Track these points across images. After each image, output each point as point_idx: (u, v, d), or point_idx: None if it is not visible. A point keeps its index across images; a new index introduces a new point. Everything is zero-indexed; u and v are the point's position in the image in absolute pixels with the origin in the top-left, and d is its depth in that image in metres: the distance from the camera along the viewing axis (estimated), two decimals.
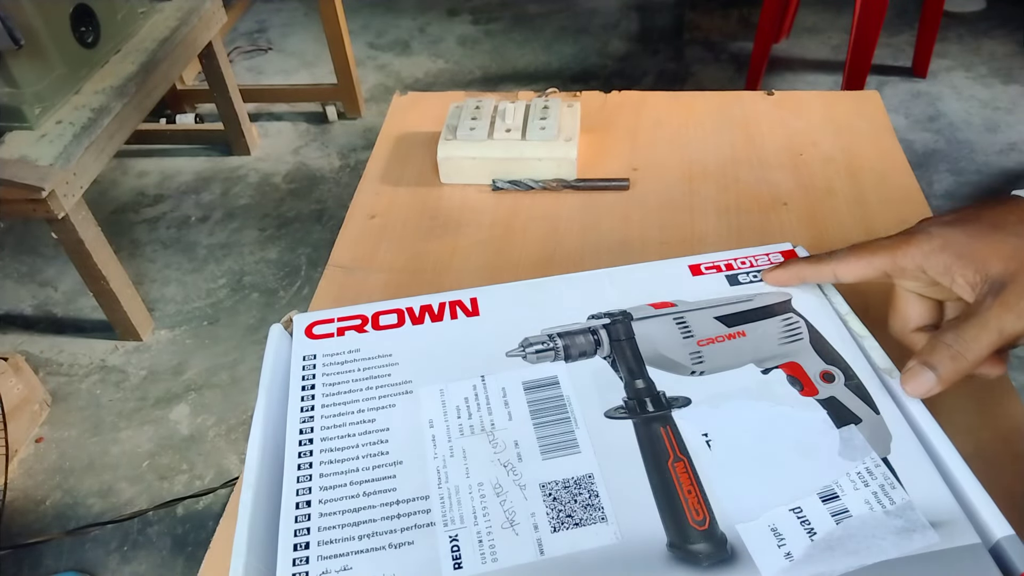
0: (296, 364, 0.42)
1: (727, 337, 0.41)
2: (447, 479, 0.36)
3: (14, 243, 1.78)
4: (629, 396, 0.39)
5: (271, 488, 0.36)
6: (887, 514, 0.33)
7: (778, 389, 0.39)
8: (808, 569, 0.31)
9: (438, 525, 0.34)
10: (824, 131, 0.68)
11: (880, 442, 0.35)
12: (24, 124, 1.29)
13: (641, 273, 0.46)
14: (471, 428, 0.38)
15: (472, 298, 0.45)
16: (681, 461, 0.35)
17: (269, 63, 2.36)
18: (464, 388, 0.40)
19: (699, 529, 0.32)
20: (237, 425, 1.37)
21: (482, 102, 0.69)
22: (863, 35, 1.68)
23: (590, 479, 0.35)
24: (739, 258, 0.47)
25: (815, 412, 0.37)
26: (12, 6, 1.21)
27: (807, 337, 0.41)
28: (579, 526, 0.33)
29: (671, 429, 0.37)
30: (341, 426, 0.38)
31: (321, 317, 0.45)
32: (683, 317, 0.42)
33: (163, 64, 1.54)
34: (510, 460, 0.36)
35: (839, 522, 0.32)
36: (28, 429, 1.37)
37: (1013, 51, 2.13)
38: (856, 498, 0.33)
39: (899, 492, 0.33)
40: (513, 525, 0.33)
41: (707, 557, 0.31)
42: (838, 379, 0.39)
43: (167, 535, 1.22)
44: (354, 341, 0.43)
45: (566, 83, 2.17)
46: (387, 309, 0.45)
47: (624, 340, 0.41)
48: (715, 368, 0.40)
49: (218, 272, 1.67)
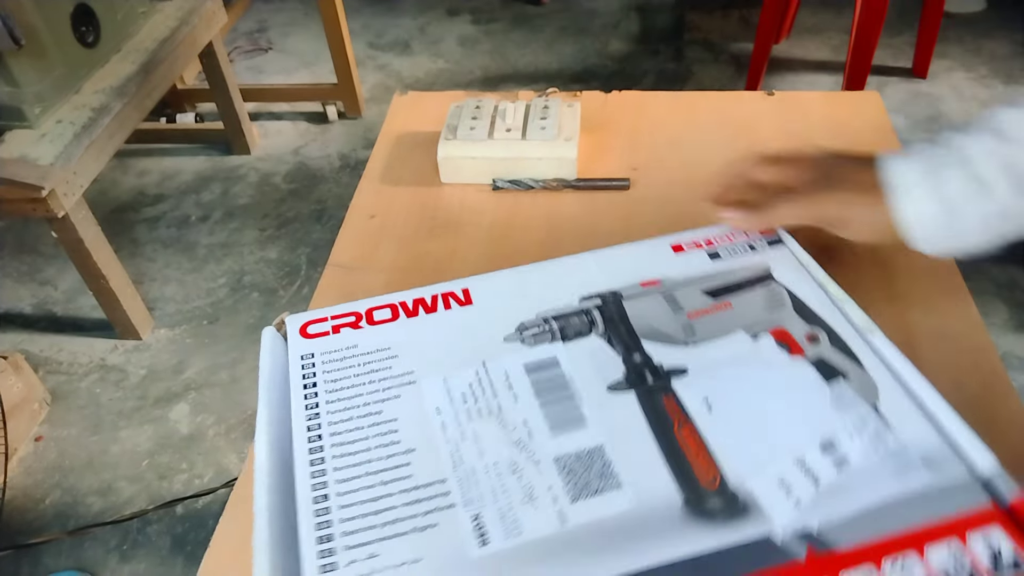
0: (295, 364, 0.42)
1: (715, 308, 0.44)
2: (462, 461, 0.36)
3: (14, 242, 1.78)
4: (628, 370, 0.40)
5: (283, 487, 0.37)
6: (883, 457, 0.35)
7: (768, 353, 0.41)
8: (817, 515, 0.33)
9: (459, 506, 0.34)
10: (824, 131, 0.68)
11: (868, 392, 0.38)
12: (24, 123, 1.29)
13: (626, 254, 0.48)
14: (479, 412, 0.39)
15: (464, 288, 0.46)
16: (687, 426, 0.37)
17: (269, 63, 2.36)
18: (467, 375, 0.41)
19: (711, 488, 0.34)
20: (237, 424, 1.37)
21: (482, 102, 0.69)
22: (863, 35, 1.68)
23: (601, 450, 0.36)
24: (718, 235, 0.49)
25: (805, 371, 0.40)
26: (13, 6, 1.21)
27: (789, 303, 0.44)
28: (596, 494, 0.34)
29: (673, 397, 0.38)
30: (348, 420, 0.39)
31: (315, 317, 0.45)
32: (670, 293, 0.45)
33: (163, 64, 1.54)
34: (521, 439, 0.37)
35: (840, 469, 0.34)
36: (28, 428, 1.37)
37: (1013, 52, 2.13)
38: (853, 445, 0.35)
39: (892, 436, 0.36)
40: (533, 499, 0.35)
41: (722, 512, 0.33)
42: (822, 340, 0.41)
43: (167, 534, 1.22)
44: (351, 337, 0.44)
45: (566, 83, 2.17)
46: (381, 304, 0.45)
47: (617, 318, 0.43)
48: (707, 338, 0.42)
49: (218, 271, 1.67)
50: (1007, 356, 1.36)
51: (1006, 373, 0.47)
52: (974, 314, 0.51)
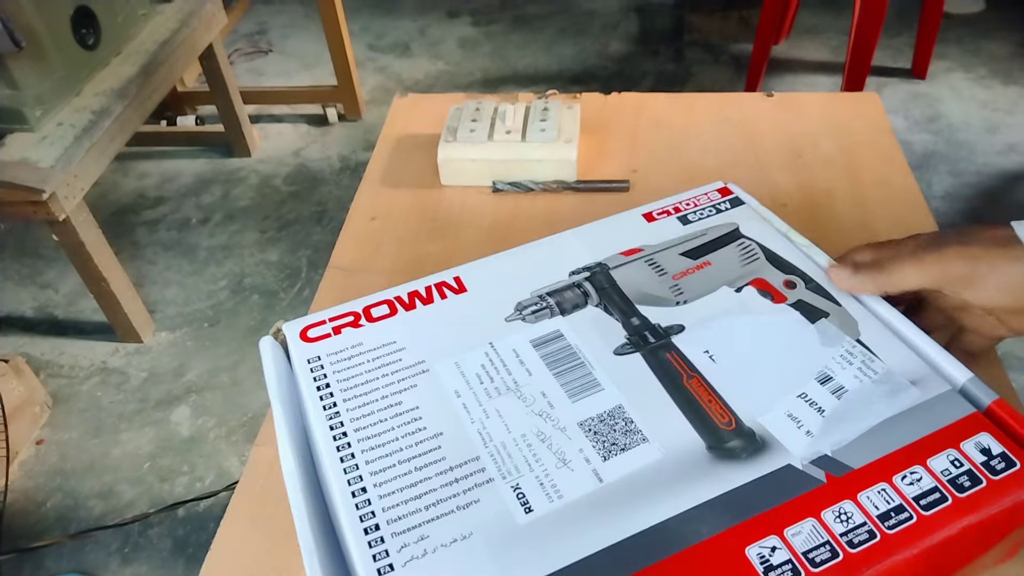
0: (302, 369, 0.42)
1: (696, 268, 0.47)
2: (491, 438, 0.38)
3: (15, 245, 1.78)
4: (630, 333, 0.43)
5: (310, 489, 0.37)
6: (874, 383, 0.38)
7: (753, 303, 0.44)
8: (827, 440, 0.36)
9: (497, 480, 0.36)
10: (824, 132, 0.68)
11: (850, 328, 0.42)
12: (25, 126, 1.29)
13: (603, 228, 0.51)
14: (497, 390, 0.40)
15: (455, 277, 0.48)
16: (695, 377, 0.40)
17: (269, 65, 2.36)
18: (478, 356, 0.42)
19: (729, 429, 0.37)
20: (238, 427, 1.37)
21: (482, 104, 0.69)
22: (863, 36, 1.68)
23: (621, 409, 0.39)
24: (683, 200, 0.52)
25: (790, 315, 0.43)
26: (13, 8, 1.22)
27: (763, 255, 0.47)
28: (625, 450, 0.37)
29: (676, 353, 0.41)
30: (370, 414, 0.40)
31: (312, 320, 0.45)
32: (653, 258, 0.47)
33: (164, 66, 1.54)
34: (543, 409, 0.39)
35: (839, 397, 0.38)
36: (29, 431, 1.37)
37: (1012, 52, 2.13)
38: (846, 375, 0.39)
39: (878, 363, 0.39)
40: (567, 463, 0.36)
41: (743, 450, 0.36)
42: (799, 285, 0.45)
43: (168, 537, 1.22)
44: (354, 336, 0.44)
45: (566, 85, 2.17)
46: (377, 301, 0.46)
47: (608, 287, 0.45)
48: (695, 296, 0.45)
49: (219, 274, 1.67)
50: (1007, 356, 1.36)
51: (1006, 374, 0.47)
52: None
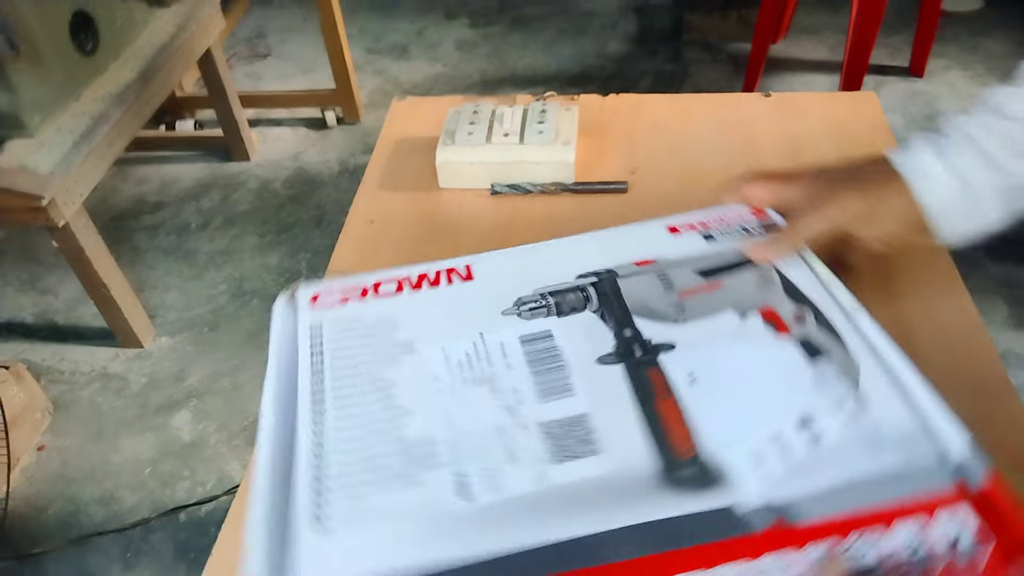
0: (304, 333, 0.45)
1: (706, 288, 0.45)
2: (454, 424, 0.39)
3: (15, 251, 1.78)
4: (618, 344, 0.42)
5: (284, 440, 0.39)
6: (856, 437, 0.36)
7: (755, 331, 0.42)
8: (785, 488, 0.34)
9: (447, 465, 0.36)
10: (822, 132, 0.68)
11: (849, 373, 0.39)
12: (24, 132, 1.29)
13: (624, 235, 0.50)
14: (474, 379, 0.41)
15: (467, 265, 0.49)
16: (669, 399, 0.39)
17: (268, 69, 2.36)
18: (464, 344, 0.43)
19: (686, 458, 0.36)
20: (239, 431, 1.37)
21: (480, 106, 0.69)
22: (860, 35, 1.68)
23: (585, 418, 0.38)
24: (712, 217, 0.51)
25: (789, 349, 0.41)
26: (11, 13, 1.21)
27: (779, 284, 0.45)
28: (577, 458, 0.36)
29: (658, 371, 0.40)
30: (350, 378, 0.41)
31: (324, 288, 0.48)
32: (664, 272, 0.46)
33: (162, 71, 1.54)
34: (511, 405, 0.39)
35: (814, 446, 0.35)
36: (30, 437, 1.37)
37: (1010, 50, 2.13)
38: (829, 424, 0.36)
39: (867, 417, 0.36)
40: (516, 460, 0.36)
41: (691, 482, 0.35)
42: (809, 319, 0.42)
43: (169, 542, 1.22)
44: (357, 307, 0.46)
45: (564, 86, 2.17)
46: (388, 278, 0.48)
47: (611, 295, 0.45)
48: (696, 315, 0.43)
49: (218, 278, 1.67)
50: (1007, 354, 1.36)
51: (1005, 371, 0.47)
52: (972, 312, 0.51)
